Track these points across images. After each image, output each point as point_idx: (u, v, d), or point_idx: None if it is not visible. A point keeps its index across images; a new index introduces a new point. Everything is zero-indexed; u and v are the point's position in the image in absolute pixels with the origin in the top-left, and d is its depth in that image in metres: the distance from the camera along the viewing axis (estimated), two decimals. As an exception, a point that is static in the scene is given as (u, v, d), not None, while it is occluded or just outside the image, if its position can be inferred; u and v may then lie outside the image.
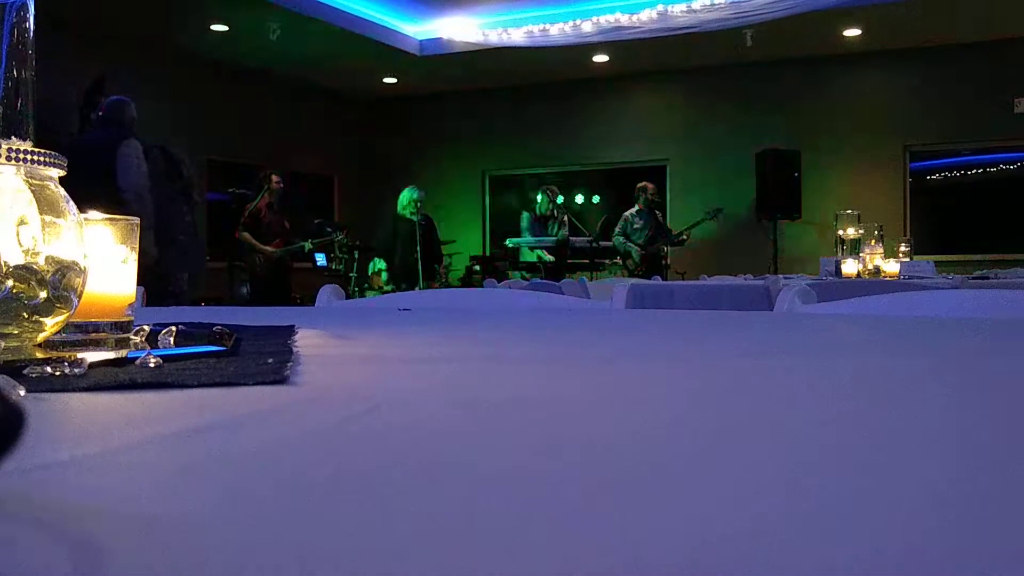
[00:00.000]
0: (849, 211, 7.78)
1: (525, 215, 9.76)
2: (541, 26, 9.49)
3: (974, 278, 5.21)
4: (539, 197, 9.67)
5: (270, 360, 0.73)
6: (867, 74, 10.26)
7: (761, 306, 2.88)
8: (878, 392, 0.66)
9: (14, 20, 0.75)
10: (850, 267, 5.55)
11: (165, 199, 5.97)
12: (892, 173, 10.27)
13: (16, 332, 0.70)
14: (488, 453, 0.43)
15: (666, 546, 0.28)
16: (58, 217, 0.72)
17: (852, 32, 9.43)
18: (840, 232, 6.68)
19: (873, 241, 5.74)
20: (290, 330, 1.04)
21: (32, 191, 0.71)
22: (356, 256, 9.54)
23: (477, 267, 9.36)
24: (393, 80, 11.51)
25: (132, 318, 0.86)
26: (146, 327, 0.88)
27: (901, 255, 6.10)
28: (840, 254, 5.81)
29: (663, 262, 9.50)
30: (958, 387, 0.69)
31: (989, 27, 9.18)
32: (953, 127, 9.99)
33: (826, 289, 2.61)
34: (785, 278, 5.30)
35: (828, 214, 9.86)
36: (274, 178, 8.02)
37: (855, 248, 5.74)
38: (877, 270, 5.51)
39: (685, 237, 9.68)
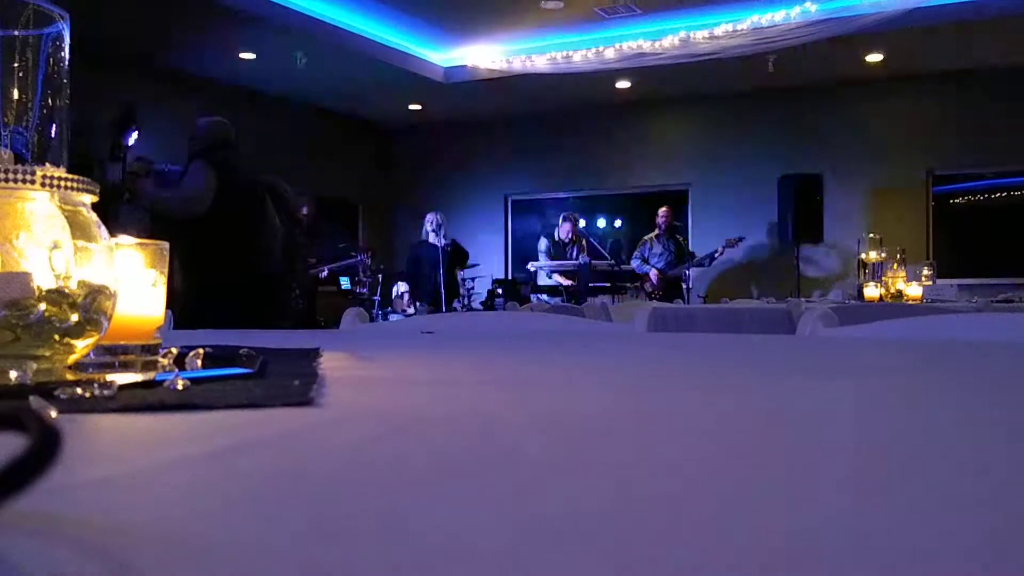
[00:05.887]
0: (872, 235, 7.76)
1: (543, 240, 9.80)
2: (564, 53, 9.53)
3: (998, 301, 5.17)
4: (561, 224, 9.72)
5: (296, 382, 0.74)
6: (889, 99, 10.21)
7: (783, 330, 2.87)
8: (898, 413, 0.66)
9: (50, 50, 0.77)
10: (872, 291, 5.52)
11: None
12: (915, 197, 10.21)
13: (48, 354, 0.71)
14: (512, 475, 0.43)
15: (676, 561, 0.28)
16: (90, 242, 0.74)
17: (874, 57, 9.41)
18: (863, 256, 6.66)
19: (896, 265, 5.71)
20: (315, 353, 1.05)
21: (65, 216, 0.73)
22: (380, 280, 9.58)
23: (499, 290, 9.38)
24: (418, 107, 11.58)
25: (161, 341, 0.87)
26: (174, 350, 0.89)
27: (924, 279, 6.05)
28: (862, 278, 5.79)
29: (684, 286, 9.50)
30: (982, 409, 0.69)
31: (1009, 52, 9.14)
32: (975, 151, 9.92)
33: (848, 313, 2.60)
34: (807, 302, 5.27)
35: (851, 238, 9.84)
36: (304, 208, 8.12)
37: (876, 272, 5.72)
38: (900, 294, 5.48)
39: (706, 264, 9.74)
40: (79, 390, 0.63)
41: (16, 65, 0.75)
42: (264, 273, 4.88)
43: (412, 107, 11.59)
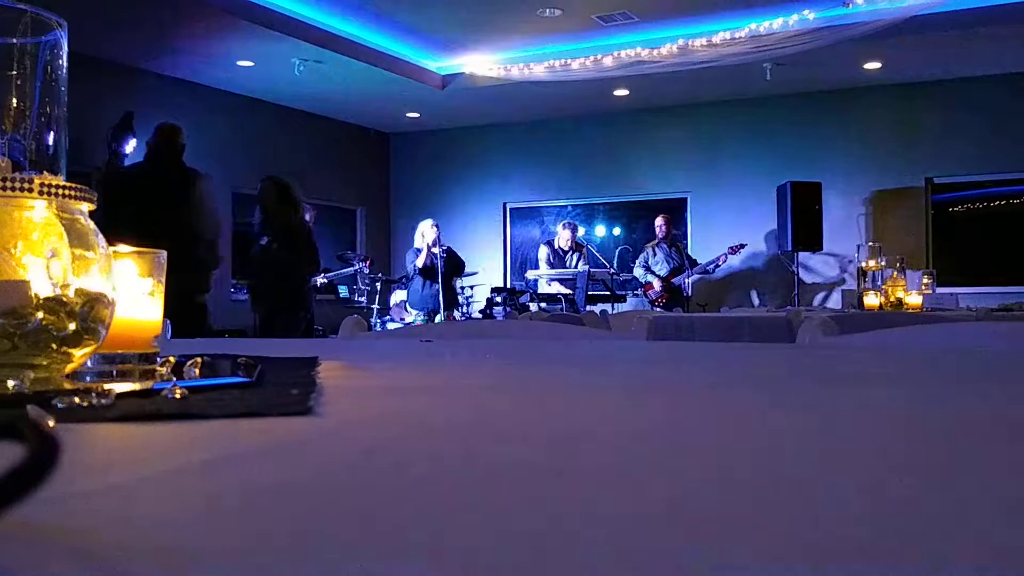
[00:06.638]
0: (871, 243, 7.77)
1: (543, 248, 9.83)
2: (562, 61, 9.54)
3: (997, 310, 5.17)
4: (560, 232, 9.76)
5: (294, 391, 0.74)
6: (887, 106, 10.23)
7: (783, 339, 2.87)
8: (899, 421, 0.66)
9: (47, 58, 0.77)
10: (872, 299, 5.53)
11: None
12: (914, 205, 10.22)
13: (45, 363, 0.71)
14: (511, 482, 0.43)
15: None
16: (88, 250, 0.74)
17: (872, 65, 9.43)
18: (862, 264, 6.66)
19: (895, 273, 5.72)
20: (313, 361, 1.05)
21: (63, 224, 0.73)
22: (378, 288, 9.58)
23: (498, 299, 9.39)
24: (416, 114, 11.60)
25: (158, 349, 0.87)
26: (172, 358, 0.89)
27: (924, 287, 6.06)
28: (862, 286, 5.80)
29: (684, 294, 9.54)
30: (982, 416, 0.69)
31: (1007, 59, 9.16)
32: (975, 159, 9.93)
33: (848, 321, 2.60)
34: (807, 310, 5.28)
35: (850, 246, 9.85)
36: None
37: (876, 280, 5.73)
38: (899, 302, 5.48)
39: (709, 271, 9.80)
40: (77, 399, 0.63)
41: (14, 73, 0.75)
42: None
43: (410, 115, 11.61)
